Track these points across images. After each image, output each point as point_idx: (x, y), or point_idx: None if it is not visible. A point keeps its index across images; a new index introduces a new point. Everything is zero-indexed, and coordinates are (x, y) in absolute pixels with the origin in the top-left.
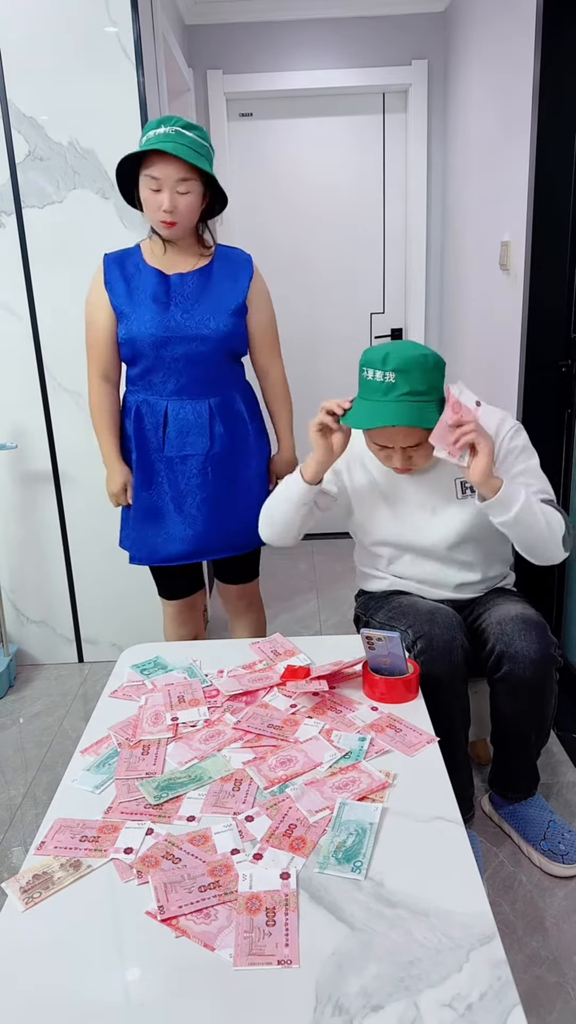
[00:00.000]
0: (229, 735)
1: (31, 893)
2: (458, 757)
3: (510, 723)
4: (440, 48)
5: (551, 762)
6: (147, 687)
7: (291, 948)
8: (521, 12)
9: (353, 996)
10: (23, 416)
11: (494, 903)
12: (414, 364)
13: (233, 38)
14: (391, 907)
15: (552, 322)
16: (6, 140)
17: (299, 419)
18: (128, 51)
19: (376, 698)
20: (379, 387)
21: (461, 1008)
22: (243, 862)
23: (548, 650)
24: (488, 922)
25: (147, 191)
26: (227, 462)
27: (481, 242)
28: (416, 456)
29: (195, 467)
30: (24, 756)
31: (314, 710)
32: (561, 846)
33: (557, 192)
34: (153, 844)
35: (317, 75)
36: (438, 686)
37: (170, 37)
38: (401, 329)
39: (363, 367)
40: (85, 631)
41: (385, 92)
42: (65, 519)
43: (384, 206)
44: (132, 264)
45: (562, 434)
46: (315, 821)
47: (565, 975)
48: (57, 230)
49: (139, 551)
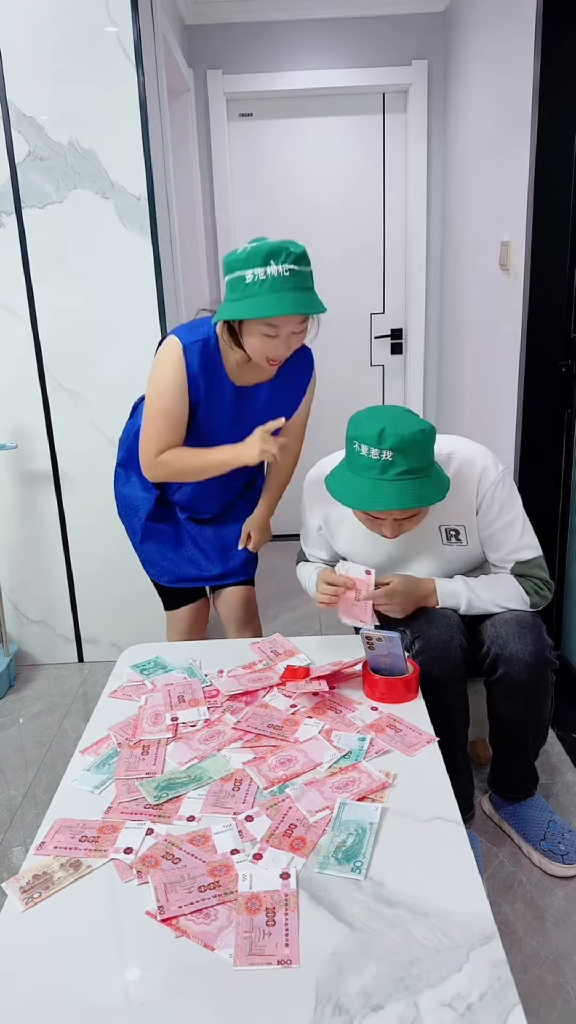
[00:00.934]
0: (229, 735)
1: (31, 893)
2: (458, 757)
3: (507, 725)
4: (440, 48)
5: (551, 762)
6: (147, 687)
7: (291, 948)
8: (521, 12)
9: (353, 996)
10: (23, 416)
11: (494, 903)
12: (411, 443)
13: (233, 38)
14: (391, 907)
15: (552, 322)
16: (6, 140)
17: None
18: (128, 51)
19: (376, 698)
20: (375, 465)
21: (461, 1008)
22: (243, 862)
23: (543, 652)
24: (488, 922)
25: (258, 337)
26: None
27: (481, 242)
28: (406, 525)
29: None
30: (24, 756)
31: (314, 710)
32: (561, 846)
33: (557, 192)
34: (153, 844)
35: (317, 75)
36: (437, 686)
37: (170, 37)
38: (401, 329)
39: (355, 441)
40: (85, 631)
41: (385, 92)
42: (65, 519)
43: (384, 206)
44: (209, 360)
45: (562, 434)
46: (315, 821)
47: (565, 975)
48: (57, 230)
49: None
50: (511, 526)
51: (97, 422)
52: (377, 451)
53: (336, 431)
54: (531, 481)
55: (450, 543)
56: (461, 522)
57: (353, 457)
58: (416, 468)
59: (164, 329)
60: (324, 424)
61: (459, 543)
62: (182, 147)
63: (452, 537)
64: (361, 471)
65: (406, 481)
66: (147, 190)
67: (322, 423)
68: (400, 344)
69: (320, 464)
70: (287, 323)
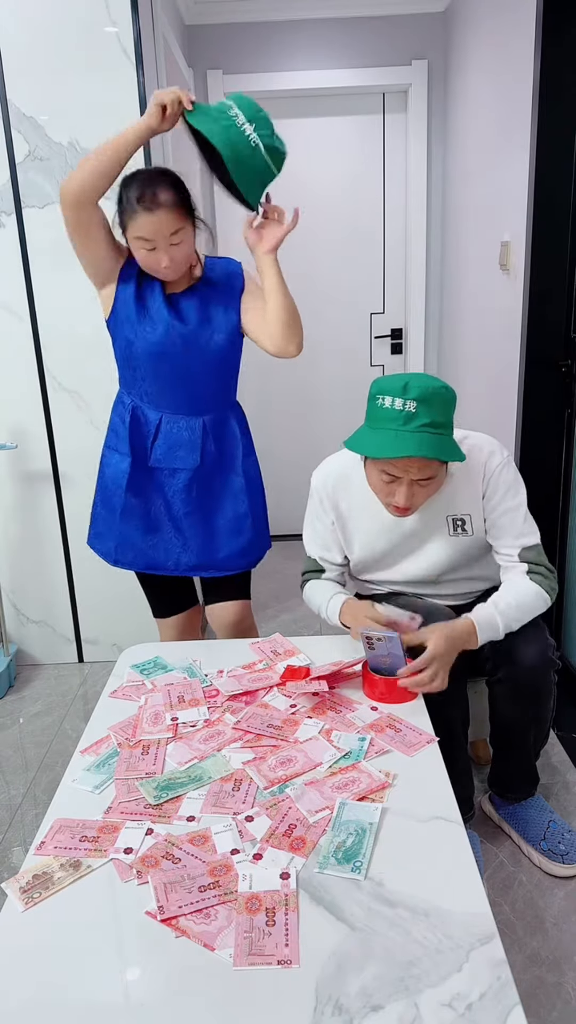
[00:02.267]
0: (229, 735)
1: (31, 893)
2: (458, 757)
3: (509, 725)
4: (440, 48)
5: (551, 762)
6: (147, 687)
7: (291, 948)
8: (521, 12)
9: (353, 996)
10: (23, 416)
11: (494, 903)
12: (435, 395)
13: (233, 38)
14: (391, 907)
15: (552, 322)
16: (6, 140)
17: (299, 415)
18: (128, 51)
19: (376, 698)
20: (397, 416)
21: (461, 1008)
22: (243, 862)
23: (546, 653)
24: (488, 922)
25: (140, 252)
26: (214, 479)
27: (481, 242)
28: (419, 494)
29: (182, 482)
30: (24, 756)
31: (314, 710)
32: (561, 846)
33: (557, 192)
34: (153, 844)
35: (317, 75)
36: None
37: (170, 37)
38: (401, 329)
39: (377, 396)
40: (85, 631)
41: (385, 92)
42: (65, 519)
43: (384, 206)
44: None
45: (562, 434)
46: (315, 821)
47: (565, 975)
48: (57, 230)
49: (125, 554)
50: (516, 511)
51: (97, 422)
52: (401, 401)
53: (337, 431)
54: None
55: (456, 534)
56: (467, 510)
57: (375, 412)
58: (438, 423)
59: None
60: (325, 424)
61: (464, 533)
62: (182, 147)
63: (459, 527)
64: (384, 423)
65: (428, 434)
66: None
67: (322, 423)
68: (400, 344)
69: (327, 461)
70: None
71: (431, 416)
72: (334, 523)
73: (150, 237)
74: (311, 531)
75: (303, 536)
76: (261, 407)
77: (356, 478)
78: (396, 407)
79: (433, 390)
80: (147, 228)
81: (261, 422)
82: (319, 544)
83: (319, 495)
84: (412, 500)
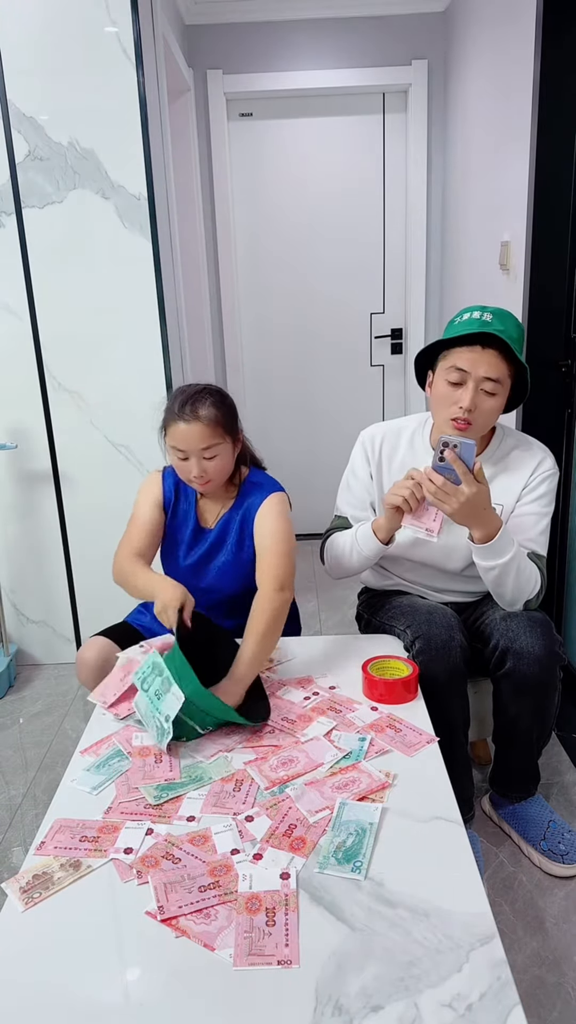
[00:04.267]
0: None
1: (31, 893)
2: (458, 757)
3: (513, 721)
4: (440, 48)
5: (551, 762)
6: None
7: (291, 948)
8: (521, 12)
9: (353, 996)
10: (23, 416)
11: (494, 903)
12: (509, 316)
13: (233, 38)
14: (391, 907)
15: (552, 322)
16: (6, 140)
17: (299, 415)
18: (128, 51)
19: (376, 698)
20: (475, 322)
21: (461, 1008)
22: (243, 862)
23: (553, 647)
24: (488, 922)
25: (174, 458)
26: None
27: (481, 242)
28: (483, 404)
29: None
30: (24, 756)
31: (314, 710)
32: (561, 846)
33: (557, 192)
34: (153, 844)
35: (317, 75)
36: (437, 686)
37: (170, 37)
38: (401, 329)
39: (456, 318)
40: (85, 631)
41: (385, 92)
42: (65, 519)
43: (384, 206)
44: (183, 490)
45: (562, 434)
46: (315, 821)
47: (565, 975)
48: (57, 230)
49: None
50: (540, 518)
51: (97, 422)
52: (479, 313)
53: (337, 431)
54: None
55: None
56: (502, 500)
57: (452, 328)
58: (511, 336)
59: (164, 329)
60: (324, 423)
61: None
62: (182, 147)
63: None
64: (461, 327)
65: (502, 337)
66: (147, 190)
67: (323, 423)
68: (400, 344)
69: (375, 424)
70: (189, 442)
71: (505, 327)
72: (372, 476)
73: (183, 448)
74: (346, 492)
75: (337, 499)
76: (261, 407)
77: (406, 436)
78: (474, 317)
79: (509, 313)
80: (181, 437)
81: (260, 422)
82: (353, 503)
83: (364, 445)
84: (476, 405)
